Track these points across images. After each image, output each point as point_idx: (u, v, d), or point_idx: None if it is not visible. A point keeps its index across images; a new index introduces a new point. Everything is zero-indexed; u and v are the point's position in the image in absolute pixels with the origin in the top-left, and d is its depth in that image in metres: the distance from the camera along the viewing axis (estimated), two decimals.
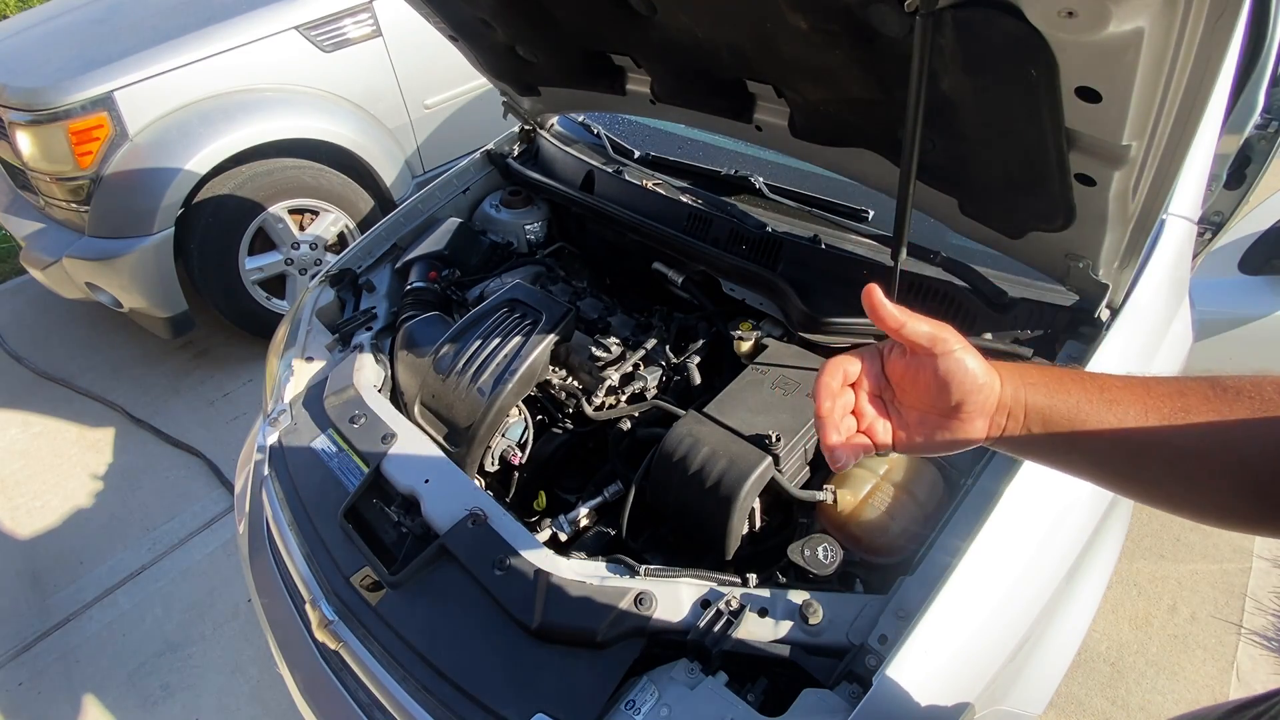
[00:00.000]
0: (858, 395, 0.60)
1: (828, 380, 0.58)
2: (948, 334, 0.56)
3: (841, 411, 0.59)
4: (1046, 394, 0.56)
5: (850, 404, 0.60)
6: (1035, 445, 0.58)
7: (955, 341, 0.56)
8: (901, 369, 0.59)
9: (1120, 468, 0.56)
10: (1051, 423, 0.56)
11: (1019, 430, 0.57)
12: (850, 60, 0.99)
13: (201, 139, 2.57)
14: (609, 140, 1.84)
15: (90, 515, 2.55)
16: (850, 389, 0.60)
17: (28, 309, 3.60)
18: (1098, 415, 0.55)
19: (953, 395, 0.56)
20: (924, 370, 0.57)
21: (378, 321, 1.59)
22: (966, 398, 0.56)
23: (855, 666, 0.87)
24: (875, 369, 0.60)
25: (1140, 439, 0.54)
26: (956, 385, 0.56)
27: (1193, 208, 1.23)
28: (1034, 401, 0.57)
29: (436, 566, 1.08)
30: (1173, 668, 1.84)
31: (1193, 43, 0.69)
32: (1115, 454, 0.55)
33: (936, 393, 0.57)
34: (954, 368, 0.55)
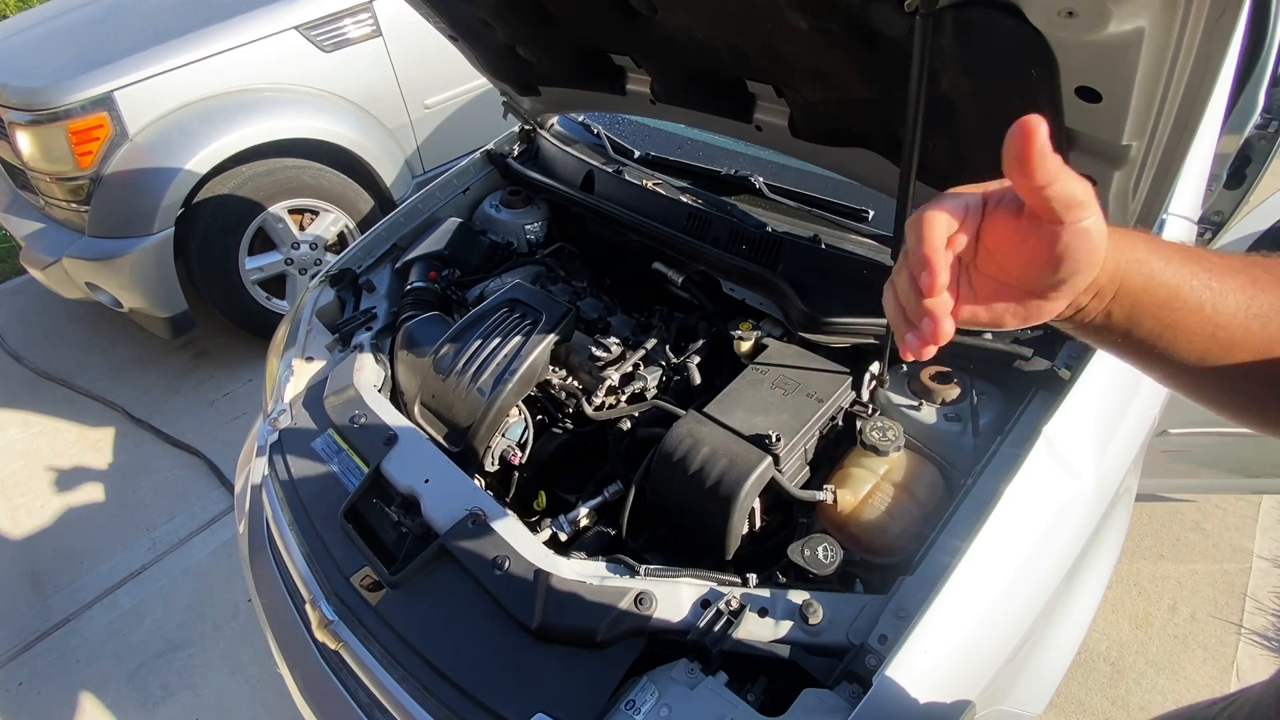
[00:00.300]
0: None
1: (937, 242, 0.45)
2: (1089, 197, 0.43)
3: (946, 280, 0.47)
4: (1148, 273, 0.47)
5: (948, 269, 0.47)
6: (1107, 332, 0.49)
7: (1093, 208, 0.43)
8: (1006, 232, 0.46)
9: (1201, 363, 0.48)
10: (1141, 308, 0.47)
11: (1099, 310, 0.48)
12: (850, 60, 0.99)
13: (201, 139, 2.57)
14: (609, 140, 1.84)
15: (90, 515, 2.55)
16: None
17: (28, 309, 3.60)
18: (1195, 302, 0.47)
19: (1062, 271, 0.45)
20: (1039, 239, 0.44)
21: (378, 321, 1.59)
22: (1075, 276, 0.45)
23: (855, 666, 0.87)
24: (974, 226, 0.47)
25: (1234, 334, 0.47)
26: (1071, 263, 0.44)
27: (1193, 207, 1.23)
28: (1131, 280, 0.47)
29: (436, 566, 1.08)
30: (1173, 668, 1.84)
31: (1193, 43, 0.69)
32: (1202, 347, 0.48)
33: (1043, 266, 0.45)
34: (1079, 242, 0.43)
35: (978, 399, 1.17)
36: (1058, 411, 1.02)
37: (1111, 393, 1.10)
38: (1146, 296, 0.47)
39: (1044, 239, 0.44)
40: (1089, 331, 0.50)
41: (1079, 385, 1.05)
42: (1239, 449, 1.73)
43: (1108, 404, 1.09)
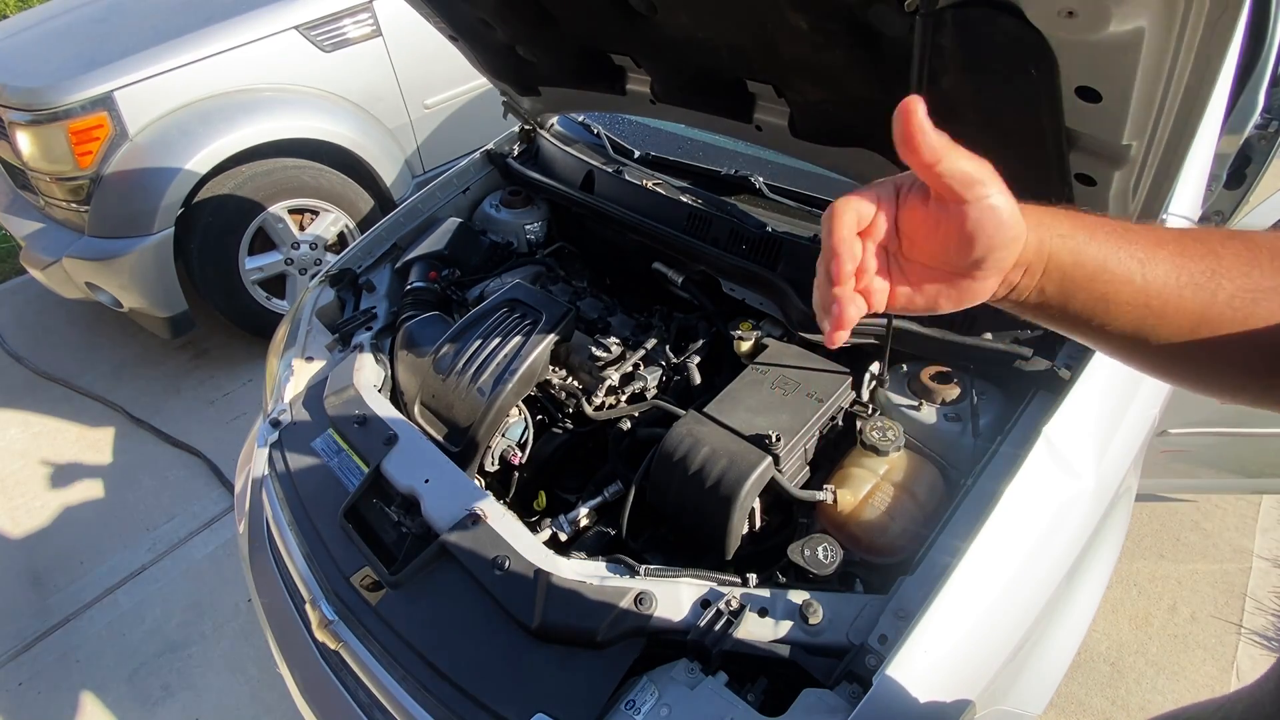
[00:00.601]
0: (864, 247, 0.49)
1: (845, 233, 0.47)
2: (986, 174, 0.45)
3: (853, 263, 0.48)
4: (1073, 247, 0.48)
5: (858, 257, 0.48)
6: (1042, 309, 0.51)
7: (995, 183, 0.45)
8: (919, 216, 0.48)
9: (1137, 333, 0.50)
10: (1070, 282, 0.48)
11: (1031, 288, 0.49)
12: (850, 60, 0.99)
13: (201, 139, 2.57)
14: (609, 140, 1.84)
15: (90, 515, 2.55)
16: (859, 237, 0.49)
17: (28, 309, 3.60)
18: (1125, 273, 0.48)
19: (976, 250, 0.46)
20: (949, 220, 0.46)
21: (378, 321, 1.59)
22: (991, 254, 0.46)
23: (855, 666, 0.87)
24: (889, 213, 0.49)
25: (1167, 302, 0.48)
26: (984, 240, 0.46)
27: (1193, 208, 1.23)
28: (1057, 255, 0.48)
29: (436, 566, 1.08)
30: (1173, 668, 1.84)
31: (1193, 43, 0.69)
32: (1136, 317, 0.49)
33: (957, 247, 0.47)
34: (986, 219, 0.45)
35: (978, 399, 1.17)
36: (1058, 411, 1.02)
37: (1111, 393, 1.10)
38: (1076, 270, 0.48)
39: (953, 220, 0.46)
40: (1028, 310, 0.52)
41: (1079, 385, 1.05)
42: (1239, 449, 1.73)
43: (1108, 404, 1.09)
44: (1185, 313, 0.48)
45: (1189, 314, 0.48)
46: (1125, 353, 0.53)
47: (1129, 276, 0.48)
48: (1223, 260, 0.48)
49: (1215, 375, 0.51)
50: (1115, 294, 0.48)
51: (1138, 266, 0.48)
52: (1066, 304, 0.50)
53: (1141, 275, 0.48)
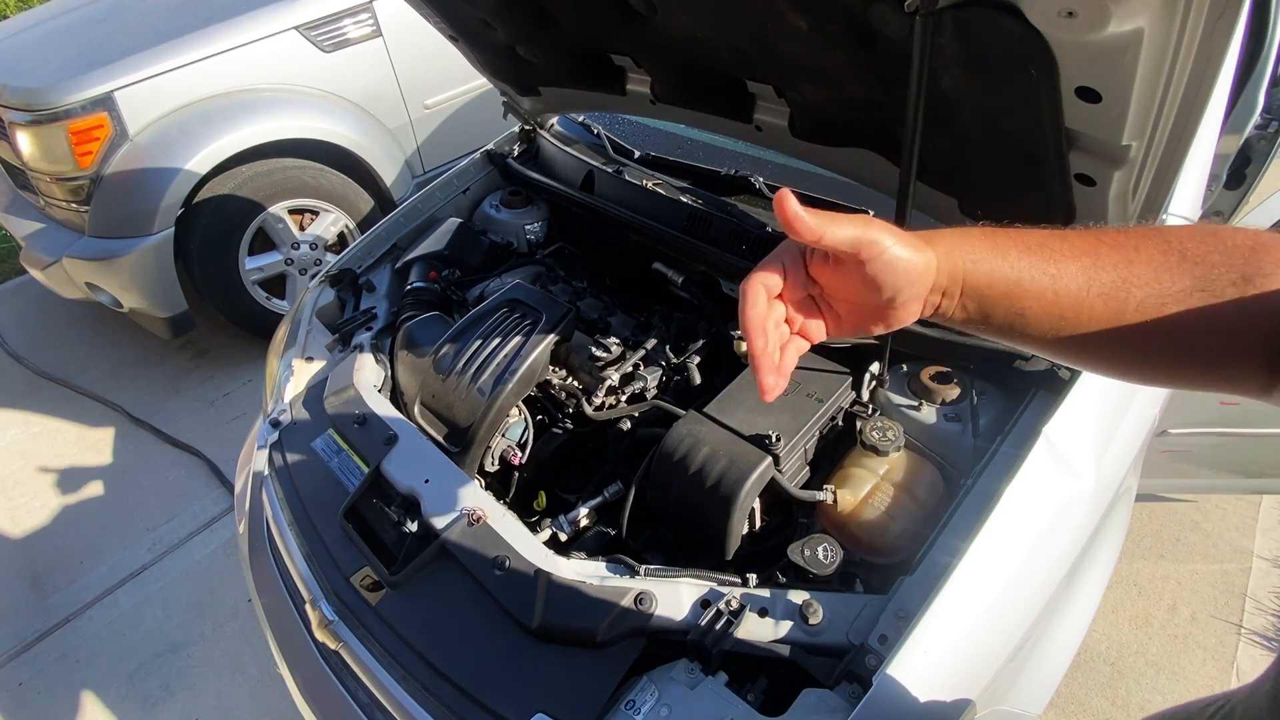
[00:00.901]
0: (786, 304, 0.55)
1: (754, 311, 0.52)
2: (874, 233, 0.50)
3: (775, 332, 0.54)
4: (986, 270, 0.52)
5: (781, 318, 0.55)
6: (969, 320, 0.55)
7: (883, 240, 0.50)
8: (828, 274, 0.53)
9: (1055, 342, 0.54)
10: (988, 301, 0.53)
11: (953, 307, 0.54)
12: (850, 60, 0.99)
13: (201, 139, 2.57)
14: (609, 140, 1.84)
15: (90, 515, 2.55)
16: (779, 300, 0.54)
17: (28, 309, 3.60)
18: (1037, 289, 0.51)
19: (885, 293, 0.52)
20: (851, 275, 0.52)
21: (378, 321, 1.59)
22: (899, 293, 0.52)
23: (855, 666, 0.87)
24: (799, 275, 0.54)
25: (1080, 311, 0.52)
26: (889, 286, 0.51)
27: (1193, 208, 1.23)
28: (971, 277, 0.52)
29: (436, 566, 1.08)
30: (1173, 668, 1.84)
31: (1193, 43, 0.69)
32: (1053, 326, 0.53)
33: (867, 292, 0.52)
34: (883, 271, 0.50)
35: (978, 399, 1.17)
36: (1058, 411, 1.02)
37: (1111, 393, 1.10)
38: (990, 290, 0.52)
39: (856, 273, 0.51)
40: (955, 324, 0.56)
41: (1079, 385, 1.05)
42: (1239, 449, 1.73)
43: (1108, 404, 1.09)
44: (1098, 320, 0.52)
45: (1101, 321, 0.52)
46: (1050, 353, 0.57)
47: (1040, 292, 0.52)
48: (1134, 267, 0.51)
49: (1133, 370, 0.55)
50: (1030, 308, 0.52)
51: (1049, 282, 0.52)
52: (988, 318, 0.54)
53: (1053, 290, 0.52)
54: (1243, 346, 0.50)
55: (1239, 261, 0.49)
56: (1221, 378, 0.53)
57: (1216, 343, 0.50)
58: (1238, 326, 0.49)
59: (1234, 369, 0.51)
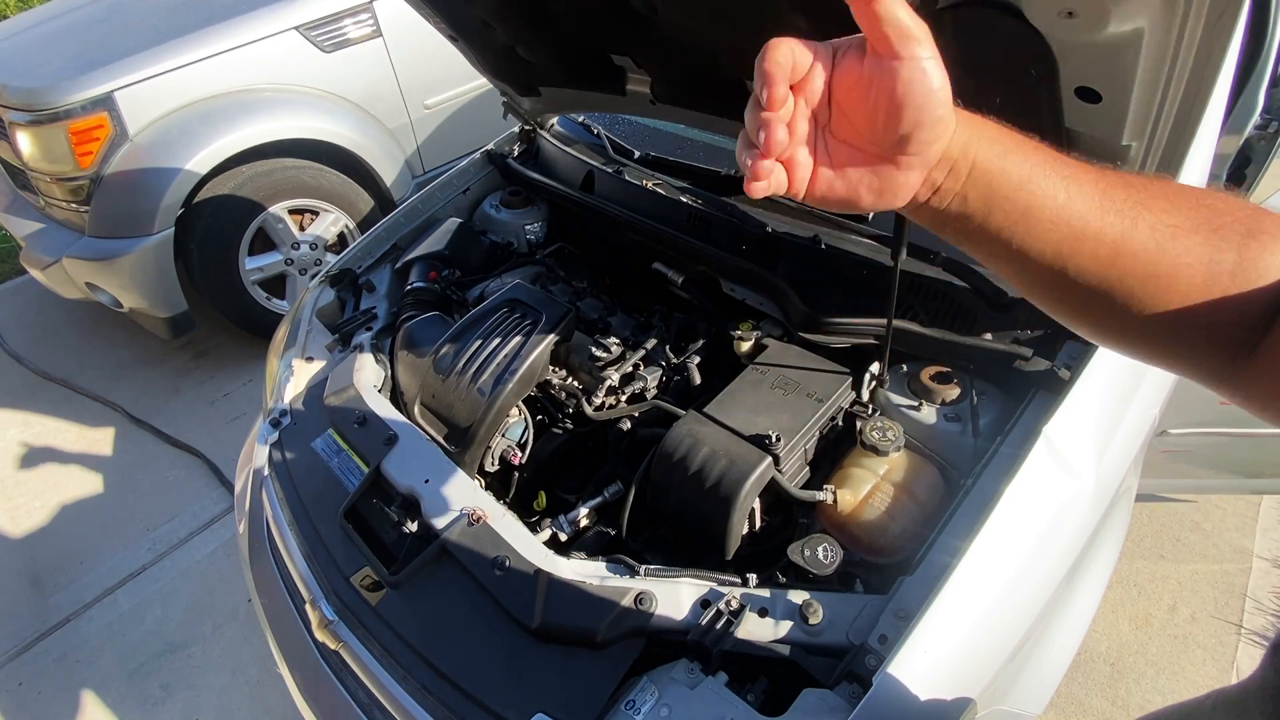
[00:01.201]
0: (796, 103, 0.47)
1: (780, 58, 0.44)
2: (923, 34, 0.43)
3: (783, 115, 0.46)
4: (1001, 153, 0.47)
5: (789, 113, 0.47)
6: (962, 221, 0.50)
7: (928, 48, 0.44)
8: (853, 77, 0.46)
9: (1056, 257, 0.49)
10: (995, 191, 0.48)
11: (954, 192, 0.48)
12: None
13: (201, 139, 2.57)
14: (609, 140, 1.84)
15: (90, 515, 2.55)
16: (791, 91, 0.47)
17: (28, 309, 3.60)
18: (1050, 190, 0.47)
19: (904, 120, 0.45)
20: (880, 81, 0.44)
21: (378, 321, 1.59)
22: (918, 128, 0.45)
23: (855, 666, 0.87)
24: (825, 71, 0.47)
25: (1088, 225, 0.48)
26: (913, 106, 0.44)
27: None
28: (984, 159, 0.47)
29: (436, 566, 1.08)
30: (1173, 668, 1.84)
31: (1193, 43, 0.69)
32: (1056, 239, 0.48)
33: (886, 116, 0.45)
34: (916, 80, 0.43)
35: (978, 399, 1.17)
36: (1058, 411, 1.02)
37: (1111, 393, 1.10)
38: (1000, 178, 0.48)
39: (885, 79, 0.44)
40: (950, 221, 0.50)
41: (1079, 385, 1.05)
42: (1239, 449, 1.73)
43: (1108, 404, 1.09)
44: (1105, 239, 0.48)
45: (1108, 241, 0.48)
46: (1042, 282, 0.52)
47: (1052, 193, 0.48)
48: (1146, 194, 0.48)
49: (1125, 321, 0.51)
50: (1038, 210, 0.48)
51: (1062, 185, 0.48)
52: (989, 216, 0.49)
53: (1065, 194, 0.48)
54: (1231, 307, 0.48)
55: (1244, 216, 0.48)
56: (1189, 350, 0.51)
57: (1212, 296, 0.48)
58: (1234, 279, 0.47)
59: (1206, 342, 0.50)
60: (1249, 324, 0.48)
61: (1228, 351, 0.49)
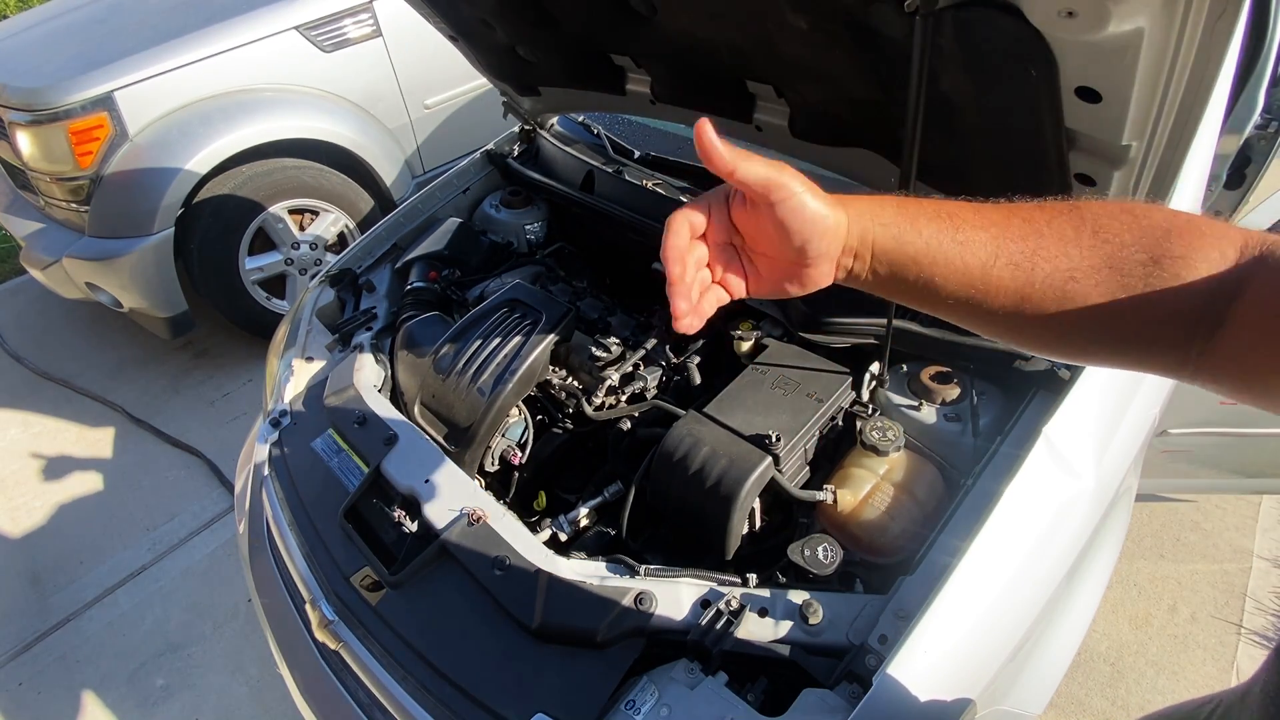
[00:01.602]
0: (710, 246, 0.57)
1: (676, 241, 0.54)
2: (785, 177, 0.51)
3: (695, 269, 0.56)
4: (895, 235, 0.54)
5: (703, 259, 0.57)
6: (880, 285, 0.57)
7: (794, 185, 0.52)
8: (744, 216, 0.55)
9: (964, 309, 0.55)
10: (898, 265, 0.54)
11: (865, 270, 0.56)
12: (850, 60, 0.99)
13: (201, 139, 2.57)
14: (609, 140, 1.84)
15: (90, 515, 2.55)
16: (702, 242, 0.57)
17: (28, 309, 3.60)
18: (945, 257, 0.53)
19: (795, 240, 0.53)
20: (765, 216, 0.53)
21: (378, 321, 1.59)
22: (808, 243, 0.53)
23: (855, 666, 0.87)
24: (722, 217, 0.56)
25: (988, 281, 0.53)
26: (796, 231, 0.52)
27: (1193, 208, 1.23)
28: (881, 242, 0.54)
29: (436, 566, 1.08)
30: (1173, 668, 1.84)
31: (1193, 43, 0.69)
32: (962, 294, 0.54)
33: (779, 239, 0.54)
34: (792, 214, 0.52)
35: (978, 399, 1.17)
36: (1058, 411, 1.02)
37: (1111, 393, 1.10)
38: (899, 255, 0.54)
39: (768, 217, 0.53)
40: (870, 288, 0.58)
41: (1079, 385, 1.05)
42: (1239, 449, 1.73)
43: (1108, 404, 1.09)
44: (1005, 290, 0.53)
45: (1009, 292, 0.53)
46: (966, 322, 0.58)
47: (948, 259, 0.53)
48: (1044, 240, 0.53)
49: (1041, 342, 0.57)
50: (940, 273, 0.53)
51: (957, 249, 0.53)
52: (899, 283, 0.56)
53: (961, 259, 0.53)
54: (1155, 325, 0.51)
55: (1150, 243, 0.51)
56: (1136, 356, 0.54)
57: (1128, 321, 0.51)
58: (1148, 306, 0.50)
59: (1149, 348, 0.53)
60: (1183, 333, 0.51)
61: (1175, 355, 0.52)
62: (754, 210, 0.54)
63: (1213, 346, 0.50)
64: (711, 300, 0.58)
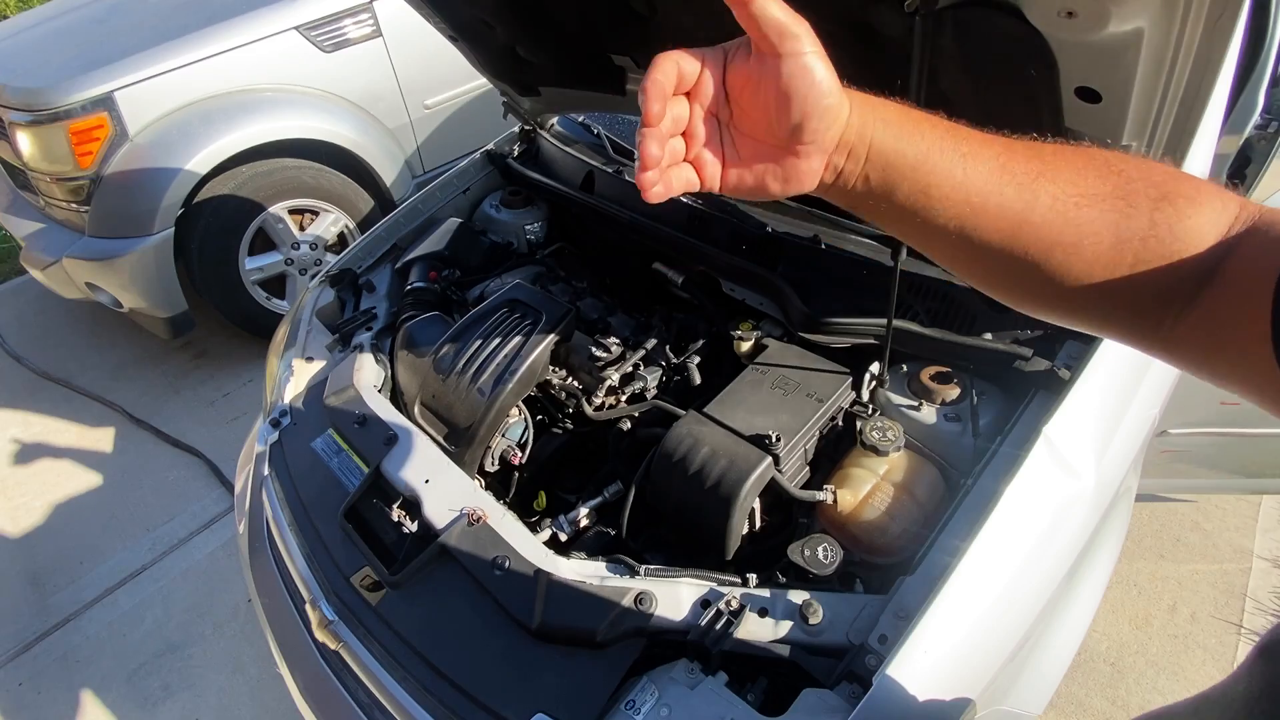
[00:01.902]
0: (692, 109, 0.50)
1: (659, 76, 0.47)
2: (802, 31, 0.46)
3: (672, 125, 0.49)
4: (896, 134, 0.49)
5: (683, 118, 0.49)
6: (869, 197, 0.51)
7: (808, 43, 0.46)
8: (743, 76, 0.48)
9: (952, 236, 0.51)
10: (893, 171, 0.49)
11: (856, 174, 0.50)
12: (850, 60, 0.99)
13: (201, 139, 2.57)
14: (609, 140, 1.84)
15: (90, 515, 2.55)
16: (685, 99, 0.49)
17: (28, 309, 3.60)
18: (947, 167, 0.49)
19: (793, 112, 0.47)
20: (767, 77, 0.47)
21: (378, 321, 1.59)
22: (807, 119, 0.47)
23: (855, 666, 0.87)
24: (716, 74, 0.49)
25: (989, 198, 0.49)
26: (799, 99, 0.46)
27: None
28: (880, 141, 0.49)
29: (436, 566, 1.08)
30: (1173, 668, 1.84)
31: (1193, 43, 0.69)
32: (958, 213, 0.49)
33: (777, 109, 0.47)
34: (799, 75, 0.46)
35: (978, 399, 1.17)
36: (1058, 411, 1.02)
37: (1111, 393, 1.10)
38: (898, 159, 0.49)
39: (770, 76, 0.47)
40: (858, 199, 0.52)
41: (1079, 385, 1.05)
42: (1239, 449, 1.73)
43: (1108, 404, 1.09)
44: (1005, 212, 0.49)
45: (1010, 213, 0.49)
46: (951, 253, 0.54)
47: (950, 170, 0.49)
48: (1050, 164, 0.49)
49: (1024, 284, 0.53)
50: (937, 187, 0.49)
51: (960, 160, 0.49)
52: (891, 194, 0.50)
53: (963, 170, 0.49)
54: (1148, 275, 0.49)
55: (1159, 180, 0.49)
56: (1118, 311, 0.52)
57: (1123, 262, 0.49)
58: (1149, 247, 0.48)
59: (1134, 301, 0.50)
60: (1169, 291, 0.49)
61: (1152, 318, 0.50)
62: (757, 65, 0.47)
63: (1189, 310, 0.49)
64: (680, 179, 0.50)
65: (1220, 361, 0.49)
